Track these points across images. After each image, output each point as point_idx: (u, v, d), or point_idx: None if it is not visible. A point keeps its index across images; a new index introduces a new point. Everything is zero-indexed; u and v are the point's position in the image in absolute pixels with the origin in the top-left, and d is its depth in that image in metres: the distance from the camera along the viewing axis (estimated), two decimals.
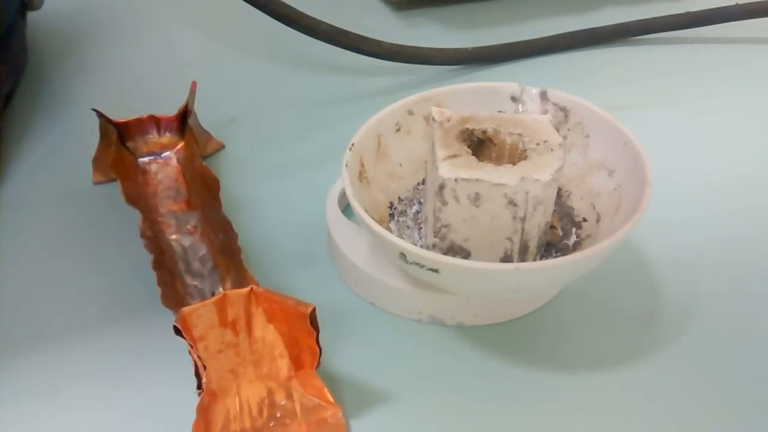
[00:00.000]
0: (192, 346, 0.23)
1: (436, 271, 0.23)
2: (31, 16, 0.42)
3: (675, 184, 0.33)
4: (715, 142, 0.36)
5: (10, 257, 0.30)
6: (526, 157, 0.25)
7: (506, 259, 0.25)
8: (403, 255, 0.23)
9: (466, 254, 0.25)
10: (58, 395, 0.25)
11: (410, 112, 0.29)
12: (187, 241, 0.30)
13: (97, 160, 0.33)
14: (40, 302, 0.28)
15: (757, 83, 0.40)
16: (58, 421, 0.24)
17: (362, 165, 0.28)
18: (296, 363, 0.24)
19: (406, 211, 0.29)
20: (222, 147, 0.36)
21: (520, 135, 0.25)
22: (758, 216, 0.32)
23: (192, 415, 0.23)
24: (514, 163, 0.24)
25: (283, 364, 0.24)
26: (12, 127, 0.37)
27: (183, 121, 0.34)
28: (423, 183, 0.30)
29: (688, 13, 0.44)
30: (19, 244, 0.30)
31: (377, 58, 0.39)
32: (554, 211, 0.28)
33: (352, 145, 0.27)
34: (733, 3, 0.44)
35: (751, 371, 0.26)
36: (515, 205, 0.24)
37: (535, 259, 0.26)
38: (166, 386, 0.25)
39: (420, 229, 0.28)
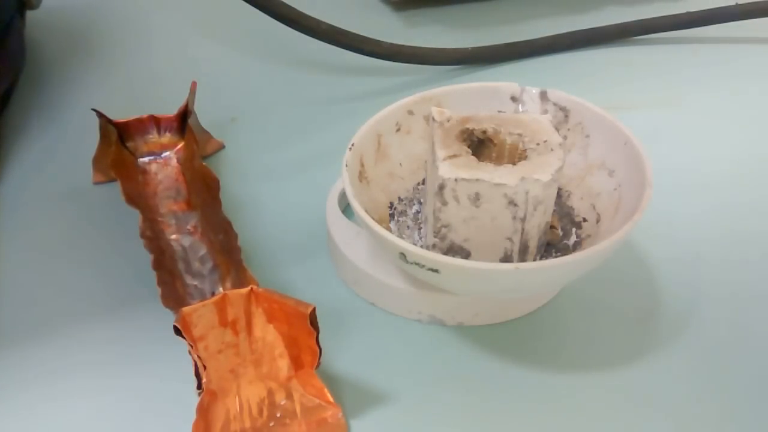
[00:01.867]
0: (192, 346, 0.24)
1: (436, 271, 0.23)
2: (32, 15, 0.42)
3: (675, 184, 0.33)
4: (715, 142, 0.36)
5: (10, 257, 0.30)
6: (526, 157, 0.25)
7: (506, 259, 0.25)
8: (403, 255, 0.23)
9: (466, 254, 0.25)
10: (56, 397, 0.25)
11: (410, 112, 0.29)
12: (187, 241, 0.30)
13: (97, 160, 0.33)
14: (40, 302, 0.28)
15: (757, 83, 0.40)
16: (57, 423, 0.24)
17: (362, 165, 0.28)
18: (296, 363, 0.24)
19: (406, 211, 0.29)
20: (222, 147, 0.36)
21: (520, 135, 0.25)
22: (758, 215, 0.32)
23: (192, 415, 0.23)
24: (514, 163, 0.24)
25: (283, 364, 0.24)
26: (12, 127, 0.37)
27: (183, 121, 0.34)
28: (423, 183, 0.30)
29: (688, 13, 0.44)
30: (19, 244, 0.30)
31: (377, 58, 0.39)
32: (554, 211, 0.28)
33: (352, 145, 0.27)
34: (733, 3, 0.44)
35: (752, 370, 0.26)
36: (515, 205, 0.24)
37: (535, 259, 0.26)
38: (165, 386, 0.25)
39: (420, 229, 0.28)
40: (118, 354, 0.26)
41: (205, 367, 0.24)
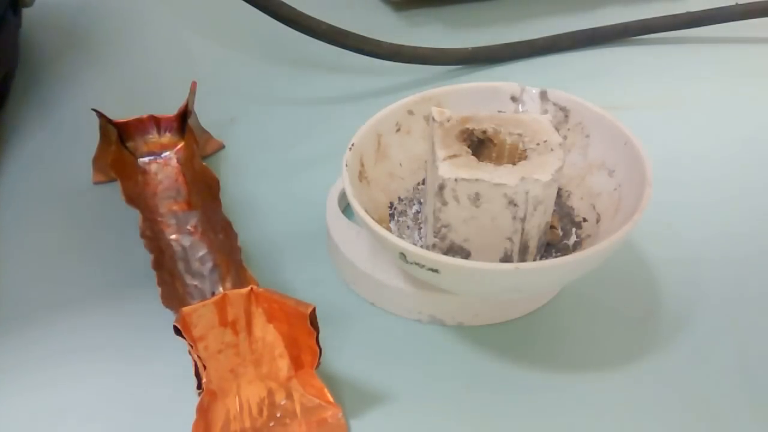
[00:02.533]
0: (192, 346, 0.24)
1: (436, 271, 0.23)
2: (30, 14, 0.42)
3: (675, 184, 0.33)
4: (716, 141, 0.36)
5: (10, 257, 0.30)
6: (526, 157, 0.25)
7: (506, 259, 0.25)
8: (403, 255, 0.23)
9: (466, 254, 0.25)
10: (55, 400, 0.25)
11: (410, 112, 0.29)
12: (187, 241, 0.30)
13: (97, 160, 0.33)
14: (40, 302, 0.28)
15: (756, 83, 0.40)
16: (55, 422, 0.24)
17: (362, 165, 0.28)
18: (296, 363, 0.24)
19: (406, 211, 0.29)
20: (222, 147, 0.36)
21: (520, 135, 0.25)
22: (758, 215, 0.32)
23: (192, 415, 0.23)
24: (514, 163, 0.24)
25: (283, 364, 0.24)
26: (11, 127, 0.37)
27: (183, 121, 0.34)
28: (423, 183, 0.30)
29: (688, 13, 0.44)
30: (18, 244, 0.30)
31: (377, 58, 0.39)
32: (554, 211, 0.28)
33: (352, 145, 0.27)
34: (733, 3, 0.44)
35: (751, 371, 0.26)
36: (515, 205, 0.24)
37: (535, 259, 0.26)
38: (165, 386, 0.25)
39: (420, 229, 0.28)
40: (117, 353, 0.26)
41: (205, 367, 0.24)
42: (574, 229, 0.28)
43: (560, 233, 0.28)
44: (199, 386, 0.23)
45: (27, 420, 0.24)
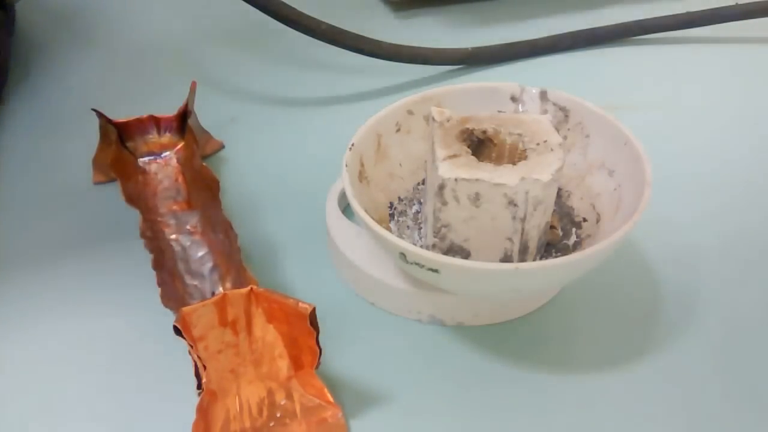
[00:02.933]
0: (192, 346, 0.24)
1: (436, 271, 0.23)
2: (31, 13, 0.42)
3: (675, 184, 0.33)
4: (715, 142, 0.36)
5: (10, 257, 0.30)
6: (526, 157, 0.25)
7: (506, 259, 0.25)
8: (403, 255, 0.23)
9: (466, 254, 0.25)
10: (54, 404, 0.25)
11: (410, 112, 0.29)
12: (187, 241, 0.30)
13: (97, 160, 0.33)
14: (39, 303, 0.28)
15: (757, 83, 0.40)
16: (52, 422, 0.24)
17: (362, 165, 0.28)
18: (296, 363, 0.24)
19: (406, 211, 0.29)
20: (222, 147, 0.36)
21: (520, 135, 0.25)
22: (758, 215, 0.32)
23: (192, 415, 0.23)
24: (514, 163, 0.24)
25: (283, 364, 0.24)
26: (10, 127, 0.37)
27: (183, 121, 0.34)
28: (423, 183, 0.30)
29: (688, 13, 0.44)
30: (18, 245, 0.30)
31: (377, 58, 0.39)
32: (554, 211, 0.28)
33: (352, 145, 0.27)
34: (733, 3, 0.44)
35: (752, 370, 0.26)
36: (515, 205, 0.24)
37: (535, 259, 0.26)
38: (165, 387, 0.25)
39: (420, 229, 0.28)
40: (118, 354, 0.26)
41: (205, 367, 0.24)
42: (574, 229, 0.28)
43: (560, 233, 0.28)
44: (199, 386, 0.23)
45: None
